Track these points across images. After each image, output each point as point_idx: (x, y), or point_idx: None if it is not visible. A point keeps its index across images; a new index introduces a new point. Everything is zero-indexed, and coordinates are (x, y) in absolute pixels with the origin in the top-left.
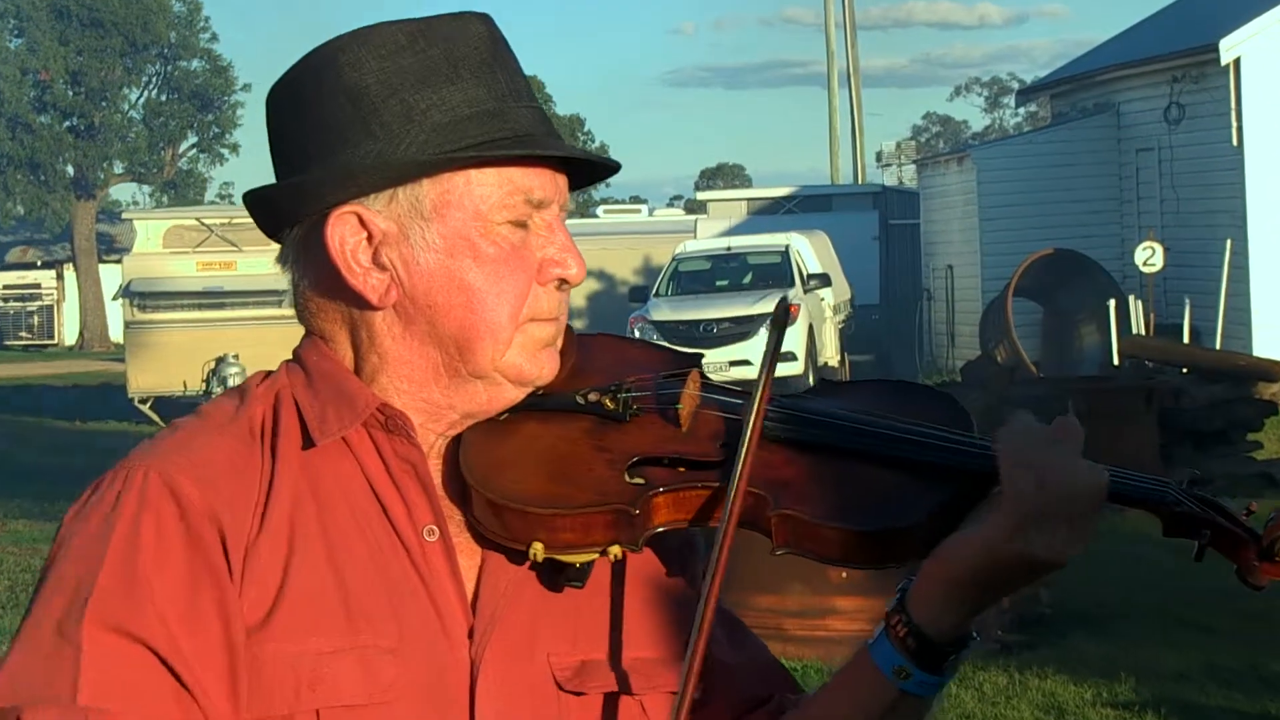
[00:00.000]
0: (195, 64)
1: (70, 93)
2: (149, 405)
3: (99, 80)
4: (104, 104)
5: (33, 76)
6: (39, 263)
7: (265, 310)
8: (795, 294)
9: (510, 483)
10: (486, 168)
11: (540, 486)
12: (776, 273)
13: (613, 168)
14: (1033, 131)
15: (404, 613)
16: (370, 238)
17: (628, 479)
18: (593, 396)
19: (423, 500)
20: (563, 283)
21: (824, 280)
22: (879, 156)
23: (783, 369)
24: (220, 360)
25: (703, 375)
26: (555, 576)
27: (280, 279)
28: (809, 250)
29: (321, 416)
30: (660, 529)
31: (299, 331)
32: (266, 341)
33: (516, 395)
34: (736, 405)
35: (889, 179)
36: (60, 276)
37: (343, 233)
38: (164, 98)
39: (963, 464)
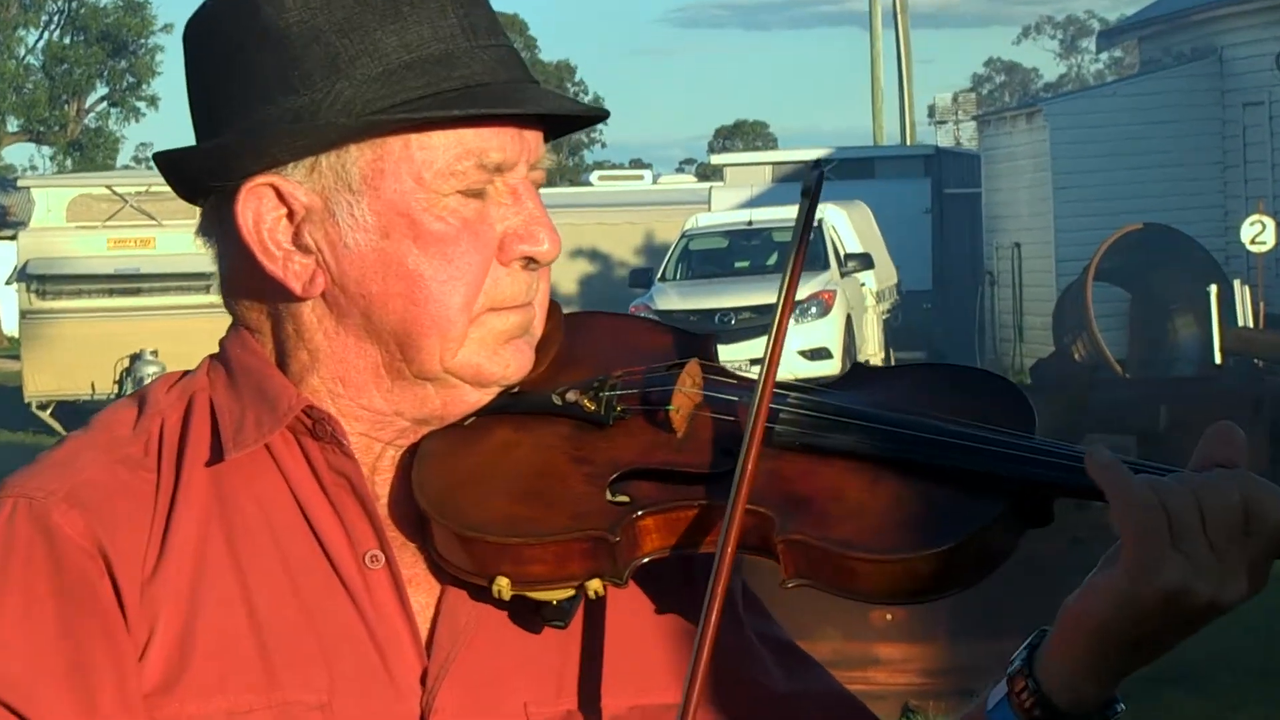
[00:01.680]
0: (105, 0)
1: None
2: (49, 412)
3: None
4: None
5: None
6: None
7: (190, 298)
8: (830, 278)
9: (469, 505)
10: (429, 130)
11: (504, 509)
12: (808, 252)
13: (597, 116)
14: (1117, 81)
15: (337, 658)
16: (291, 214)
17: (609, 497)
18: (571, 396)
19: (362, 521)
20: (530, 261)
21: (865, 261)
22: (931, 112)
23: (816, 368)
24: (136, 358)
25: (707, 363)
26: (531, 615)
27: (206, 260)
28: (847, 225)
29: (239, 423)
30: (648, 558)
31: (228, 322)
32: (192, 335)
33: (479, 398)
34: (744, 403)
35: (943, 139)
36: None
37: (257, 209)
38: (67, 40)
39: (1013, 472)
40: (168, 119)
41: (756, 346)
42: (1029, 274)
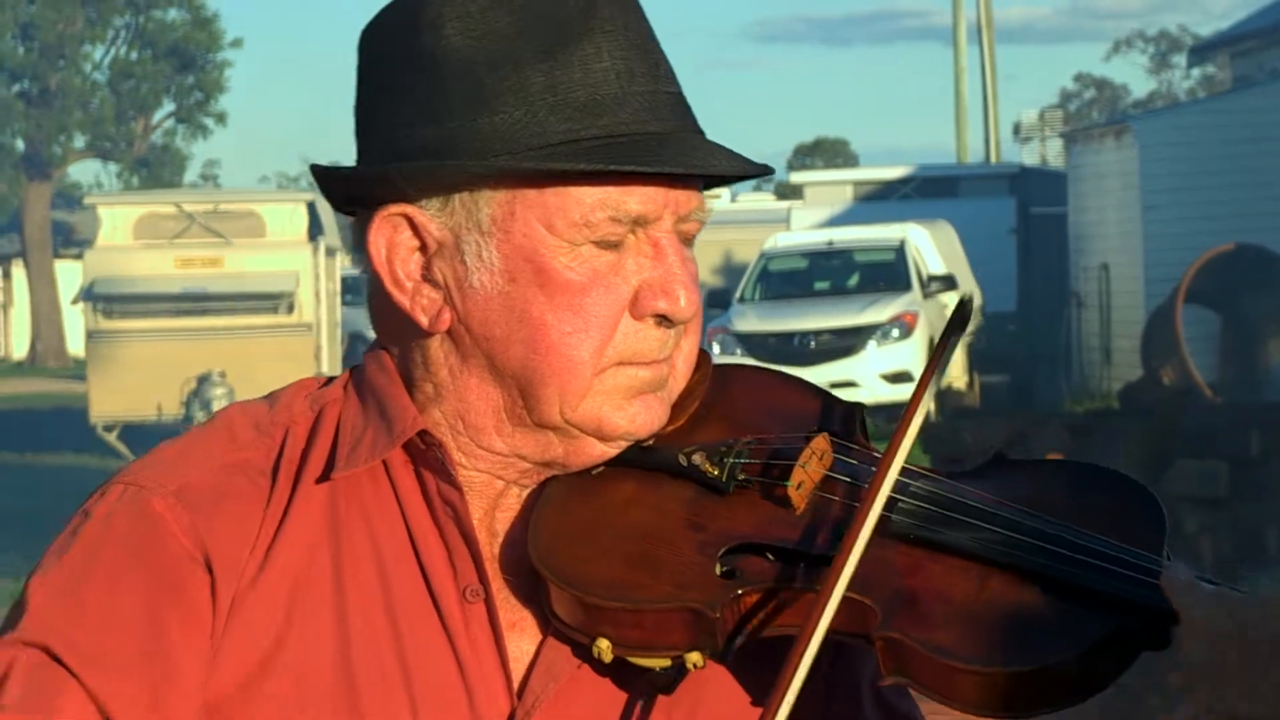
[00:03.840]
0: (173, 14)
1: (20, 50)
2: (115, 434)
3: (55, 35)
4: (62, 64)
5: None
6: None
7: (258, 318)
8: (913, 299)
9: (576, 560)
10: (574, 181)
11: (611, 570)
12: (889, 273)
13: (754, 174)
14: (1209, 98)
15: (422, 690)
16: (423, 247)
17: (718, 570)
18: (696, 458)
19: (465, 554)
20: (664, 319)
21: (948, 283)
22: (1017, 129)
23: (897, 392)
24: (203, 379)
25: (839, 440)
26: (635, 677)
27: (277, 279)
28: (930, 245)
29: (356, 442)
30: (752, 635)
31: (299, 344)
32: (260, 356)
33: (604, 450)
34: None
35: (1029, 157)
36: (7, 275)
37: (390, 237)
38: (135, 56)
39: (1125, 593)
40: (236, 136)
41: (837, 370)
42: (1117, 296)
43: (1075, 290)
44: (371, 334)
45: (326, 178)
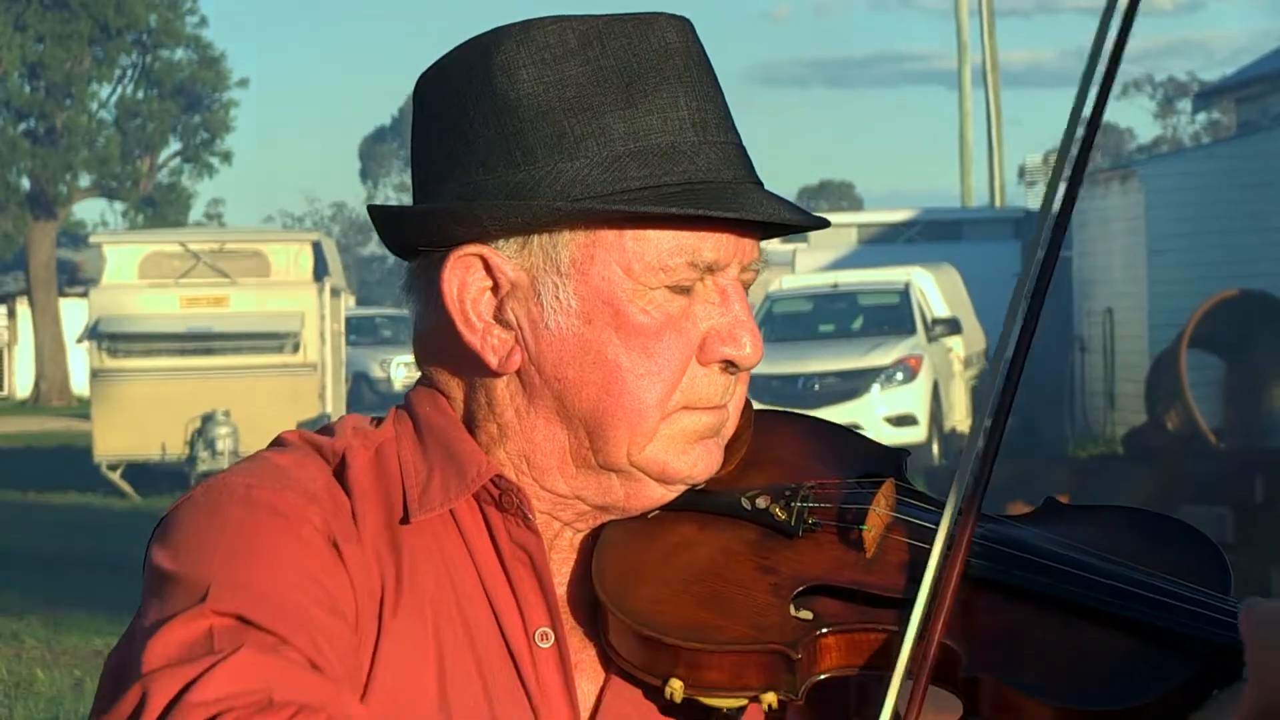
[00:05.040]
0: (180, 54)
1: (27, 89)
2: (119, 473)
3: (62, 73)
4: (68, 103)
5: None
6: None
7: (263, 358)
8: (917, 343)
9: (648, 602)
10: (645, 223)
11: (685, 612)
12: (894, 316)
13: (815, 225)
14: (1214, 143)
15: None
16: (496, 288)
17: (793, 611)
18: (761, 501)
19: (537, 597)
20: (730, 365)
21: (953, 326)
22: (1021, 173)
23: (901, 435)
24: (207, 419)
25: (902, 484)
26: (699, 717)
27: (282, 319)
28: (934, 288)
29: (425, 484)
30: (826, 675)
31: (304, 384)
32: (265, 395)
33: (663, 494)
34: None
35: (1034, 200)
36: (12, 314)
37: (464, 278)
38: (141, 95)
39: (1210, 635)
40: (241, 175)
41: (841, 412)
42: (1121, 340)
43: (1079, 334)
44: (376, 374)
45: (390, 218)
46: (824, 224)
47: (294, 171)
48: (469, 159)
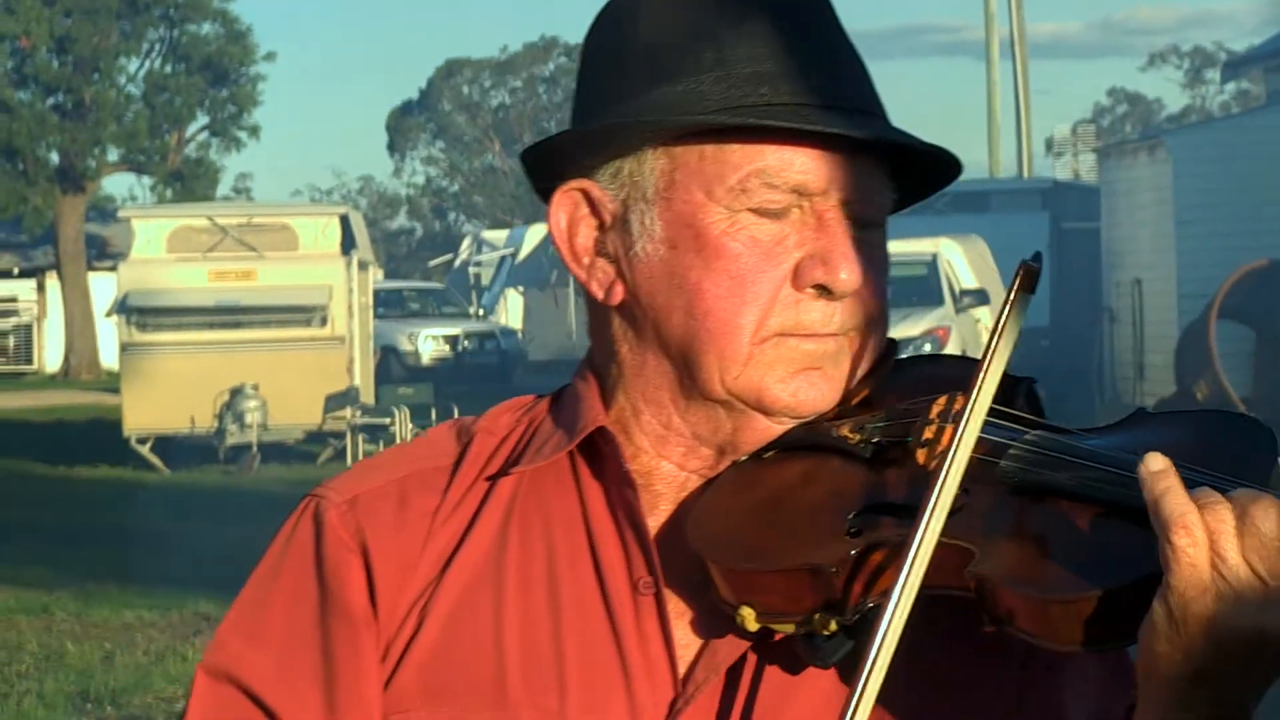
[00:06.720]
0: (207, 28)
1: (55, 63)
2: (149, 447)
3: (90, 48)
4: (96, 77)
5: (10, 44)
6: (15, 271)
7: (291, 331)
8: (945, 314)
9: (722, 531)
10: (725, 143)
11: (751, 538)
12: (921, 288)
13: (948, 162)
14: (1243, 113)
15: (576, 679)
16: (598, 220)
17: (846, 532)
18: (840, 428)
19: (638, 547)
20: (825, 290)
21: (980, 298)
22: (1049, 144)
23: None
24: (236, 392)
25: (997, 404)
26: (797, 661)
27: (310, 293)
28: (962, 260)
29: (544, 442)
30: (876, 598)
31: (332, 357)
32: (293, 368)
33: (768, 426)
34: (996, 442)
35: (1062, 172)
36: (41, 288)
37: (570, 212)
38: (169, 69)
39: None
40: (269, 149)
41: None
42: (1150, 311)
43: (1108, 305)
44: (404, 348)
45: (527, 168)
46: (950, 161)
47: (321, 145)
48: (591, 102)
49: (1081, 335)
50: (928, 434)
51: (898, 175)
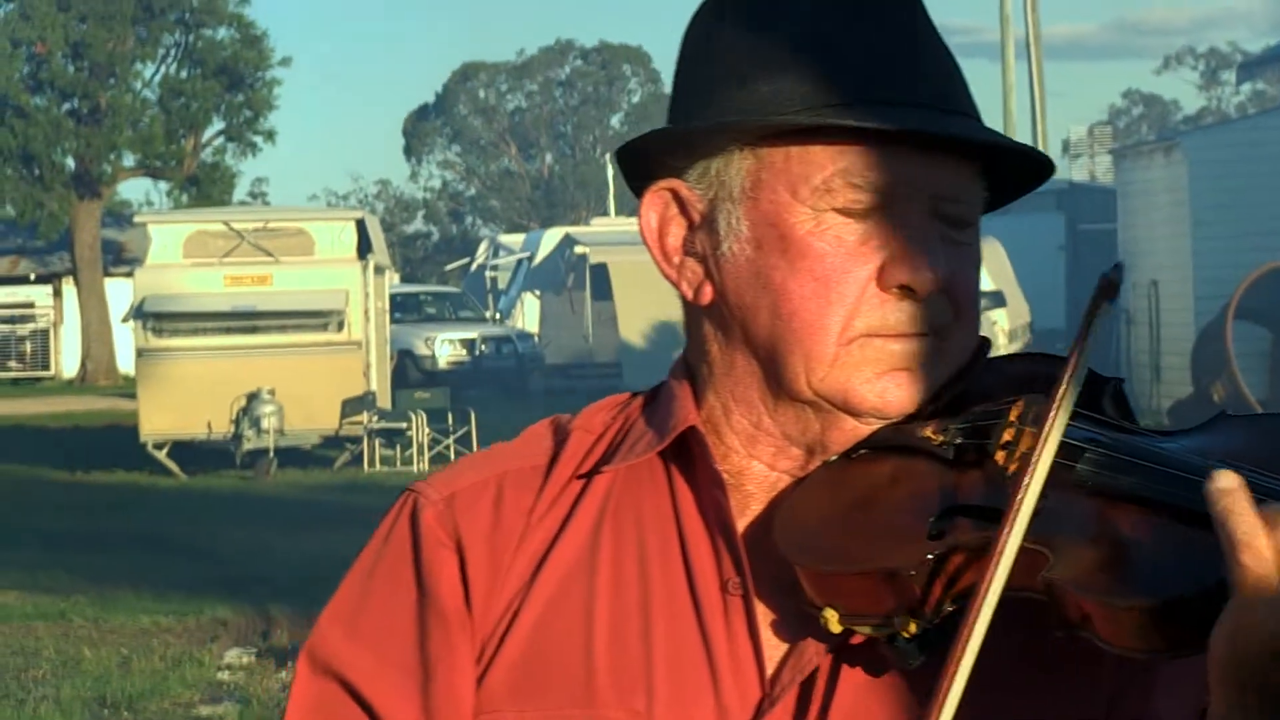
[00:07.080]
0: (223, 33)
1: (71, 69)
2: (165, 452)
3: (106, 53)
4: (112, 82)
5: (26, 49)
6: (31, 276)
7: (308, 335)
8: None
9: (807, 533)
10: (810, 144)
11: (835, 540)
12: None
13: (1040, 162)
14: (1258, 114)
15: (663, 679)
16: (687, 220)
17: (928, 534)
18: (925, 430)
19: (727, 547)
20: (908, 290)
21: (996, 299)
22: (1065, 146)
23: None
24: (253, 397)
25: (1079, 407)
26: (884, 664)
27: (326, 297)
28: None
29: (636, 441)
30: (956, 600)
31: (349, 361)
32: (309, 373)
33: (856, 427)
34: (1073, 446)
35: (1078, 173)
36: (57, 293)
37: (661, 212)
38: (184, 74)
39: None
40: (285, 153)
41: None
42: (1166, 312)
43: (1124, 307)
44: (420, 352)
45: (620, 156)
46: (1042, 160)
47: (338, 150)
48: (681, 102)
49: (1098, 337)
50: (1007, 436)
51: (989, 174)
